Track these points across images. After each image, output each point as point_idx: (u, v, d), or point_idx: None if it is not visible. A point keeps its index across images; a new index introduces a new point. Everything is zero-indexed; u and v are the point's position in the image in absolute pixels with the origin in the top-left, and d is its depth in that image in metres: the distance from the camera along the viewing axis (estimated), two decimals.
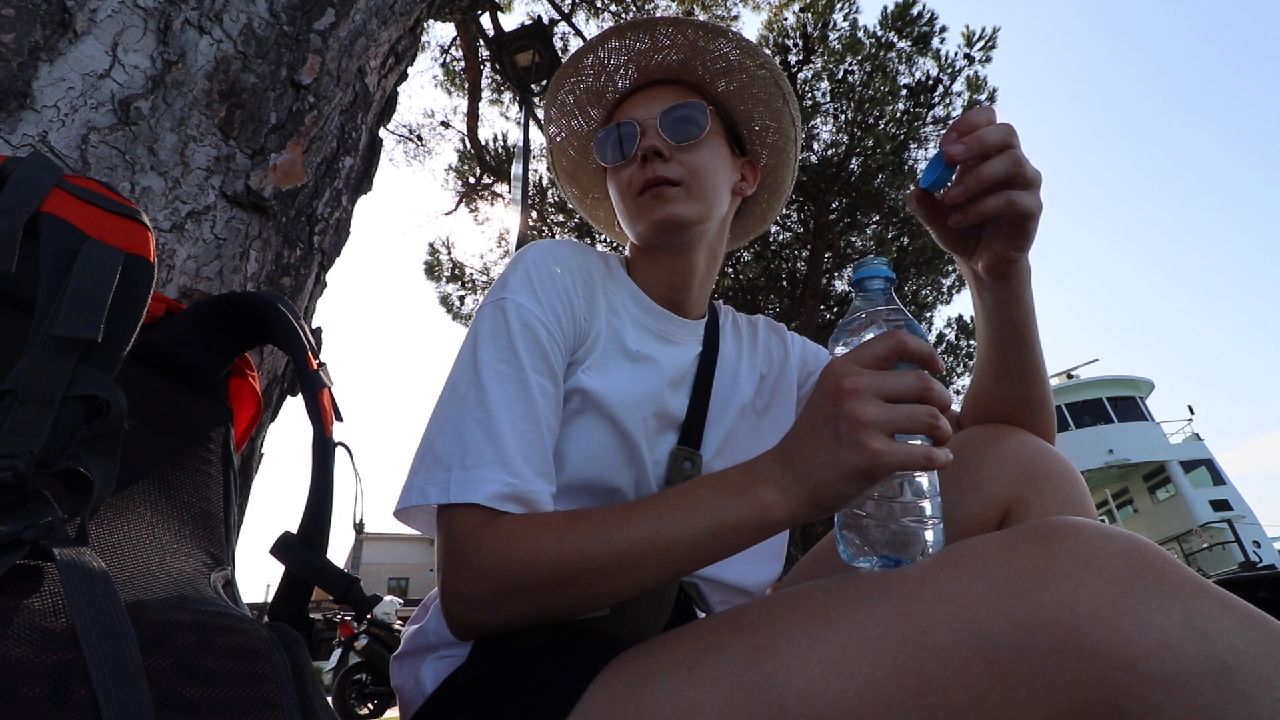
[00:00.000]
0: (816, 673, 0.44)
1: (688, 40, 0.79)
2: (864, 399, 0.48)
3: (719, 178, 0.79)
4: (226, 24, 0.86)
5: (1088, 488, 0.68)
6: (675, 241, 0.78)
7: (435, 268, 8.39)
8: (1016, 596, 0.42)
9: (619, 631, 0.63)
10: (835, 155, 7.46)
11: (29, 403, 0.37)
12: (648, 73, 0.84)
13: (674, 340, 0.81)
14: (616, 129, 0.79)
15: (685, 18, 0.80)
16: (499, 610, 0.55)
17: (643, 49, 0.81)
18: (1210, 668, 0.36)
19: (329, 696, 3.37)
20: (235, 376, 0.66)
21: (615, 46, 0.81)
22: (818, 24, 7.03)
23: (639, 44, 0.80)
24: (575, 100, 0.87)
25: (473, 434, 0.60)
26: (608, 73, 0.84)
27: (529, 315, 0.66)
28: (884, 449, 0.47)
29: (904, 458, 0.47)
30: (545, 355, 0.66)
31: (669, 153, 0.76)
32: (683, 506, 0.54)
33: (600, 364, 0.72)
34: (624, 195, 0.79)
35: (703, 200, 0.77)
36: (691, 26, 0.79)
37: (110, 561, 0.40)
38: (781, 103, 0.84)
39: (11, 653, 0.29)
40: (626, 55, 0.82)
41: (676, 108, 0.78)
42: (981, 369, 0.75)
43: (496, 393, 0.62)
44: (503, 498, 0.57)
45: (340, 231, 1.05)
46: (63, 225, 0.47)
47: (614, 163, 0.80)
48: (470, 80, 6.54)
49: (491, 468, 0.58)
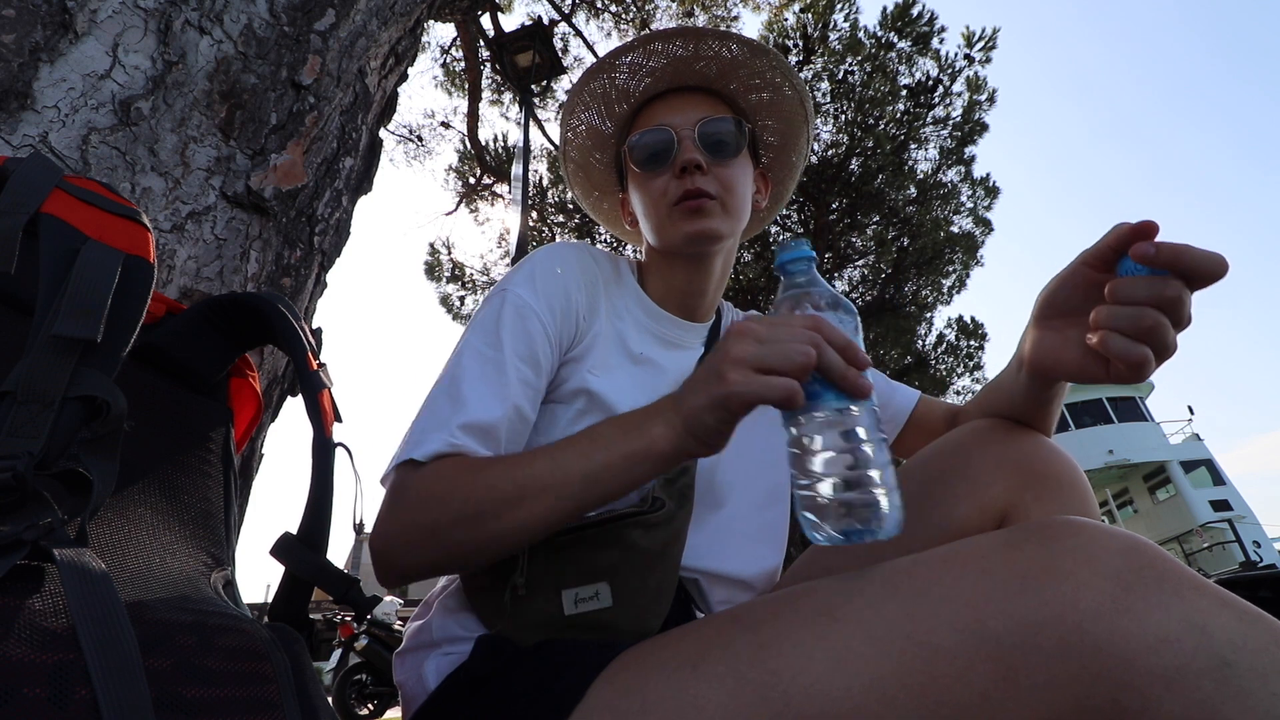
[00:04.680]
0: (820, 670, 0.44)
1: (730, 55, 0.81)
2: (743, 339, 0.51)
3: (748, 192, 0.81)
4: (227, 25, 0.86)
5: (1090, 487, 0.68)
6: (702, 251, 0.79)
7: (435, 268, 8.39)
8: (1020, 595, 0.42)
9: (620, 624, 0.63)
10: (835, 155, 7.46)
11: (29, 403, 0.37)
12: (682, 78, 0.84)
13: (678, 344, 0.82)
14: (652, 133, 0.80)
15: (731, 32, 0.81)
16: (418, 549, 0.57)
17: (684, 56, 0.81)
18: (1209, 663, 0.36)
19: (329, 697, 3.37)
20: (235, 377, 0.66)
21: (658, 49, 0.82)
22: (818, 24, 7.03)
23: (682, 51, 0.81)
24: (603, 94, 0.87)
25: (440, 407, 0.64)
26: (643, 72, 0.84)
27: (523, 306, 0.69)
28: (738, 379, 0.49)
29: (759, 388, 0.48)
30: (531, 344, 0.68)
31: (707, 167, 0.77)
32: (583, 442, 0.57)
33: (605, 366, 0.74)
34: (657, 203, 0.79)
35: (735, 215, 0.78)
36: (737, 42, 0.80)
37: (110, 562, 0.40)
38: (802, 123, 0.86)
39: (12, 653, 0.29)
40: (666, 59, 0.82)
41: (714, 121, 0.79)
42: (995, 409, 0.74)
43: (472, 371, 0.65)
44: (438, 455, 0.60)
45: (340, 232, 1.05)
46: (63, 226, 0.47)
47: (649, 169, 0.80)
48: (470, 81, 6.54)
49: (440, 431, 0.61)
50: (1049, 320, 0.61)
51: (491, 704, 0.56)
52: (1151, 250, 0.49)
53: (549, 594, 0.63)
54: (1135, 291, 0.51)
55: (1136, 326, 0.51)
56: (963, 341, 8.62)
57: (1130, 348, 0.51)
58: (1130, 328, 0.51)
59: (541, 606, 0.62)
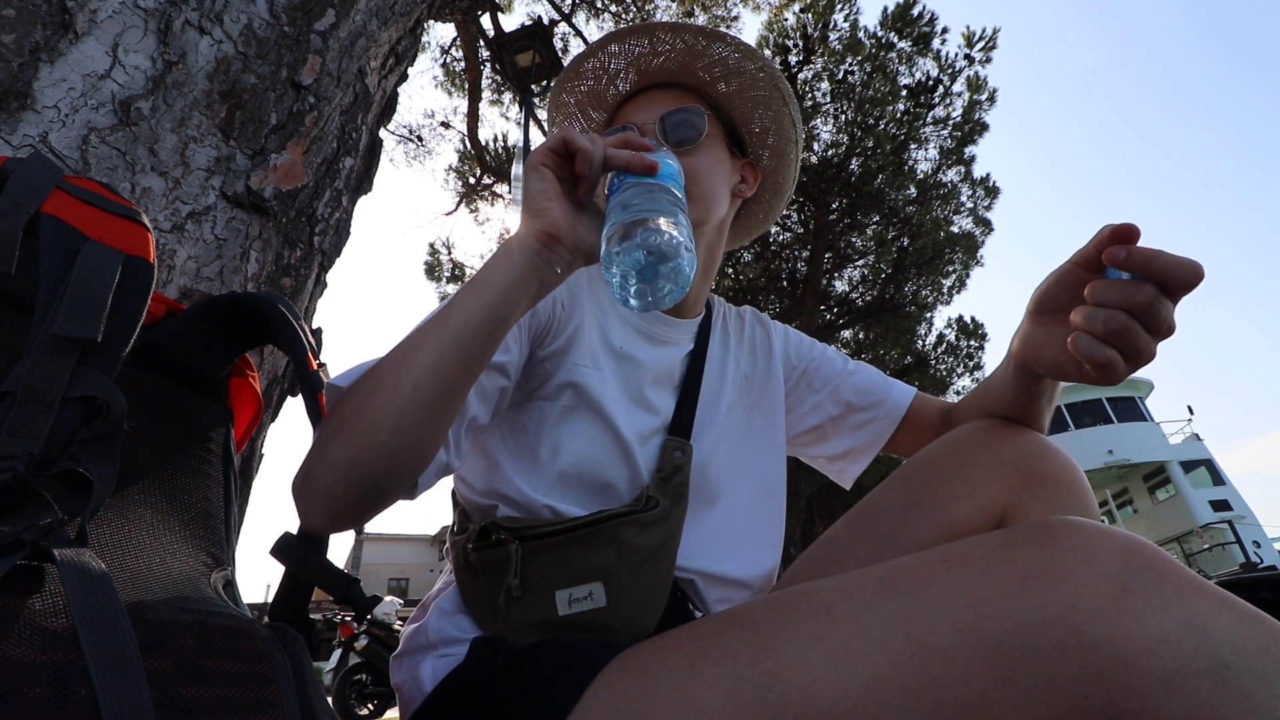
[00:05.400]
0: (819, 671, 0.44)
1: (685, 45, 0.80)
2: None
3: (717, 181, 0.80)
4: (227, 25, 0.86)
5: (1089, 488, 0.68)
6: None
7: (435, 268, 8.39)
8: (1019, 595, 0.42)
9: (614, 624, 0.63)
10: (835, 155, 7.46)
11: (29, 404, 0.37)
12: (647, 76, 0.85)
13: (663, 339, 0.81)
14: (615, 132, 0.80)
15: (682, 23, 0.82)
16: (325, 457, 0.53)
17: (642, 53, 0.82)
18: (1208, 664, 0.36)
19: (329, 697, 3.37)
20: (236, 377, 0.66)
21: (615, 51, 0.83)
22: (818, 24, 7.03)
23: (639, 48, 0.82)
24: (576, 103, 0.88)
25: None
26: (609, 76, 0.85)
27: None
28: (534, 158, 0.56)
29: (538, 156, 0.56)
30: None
31: None
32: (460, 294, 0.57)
33: (591, 359, 0.74)
34: None
35: (700, 203, 0.77)
36: (689, 31, 0.80)
37: (110, 562, 0.40)
38: (781, 104, 0.85)
39: (12, 653, 0.29)
40: (626, 59, 0.83)
41: (674, 112, 0.79)
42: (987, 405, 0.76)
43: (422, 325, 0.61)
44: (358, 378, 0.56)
45: (340, 232, 1.05)
46: (63, 226, 0.47)
47: None
48: (470, 81, 6.53)
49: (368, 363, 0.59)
50: (1039, 316, 0.63)
51: (488, 706, 0.56)
52: (1122, 255, 0.50)
53: (543, 594, 0.62)
54: (1108, 294, 0.52)
55: (1105, 329, 0.51)
56: (963, 341, 8.63)
57: (1096, 349, 0.52)
58: (1100, 330, 0.52)
59: (536, 607, 0.62)
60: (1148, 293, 0.50)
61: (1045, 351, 0.62)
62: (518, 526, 0.64)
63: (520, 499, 0.68)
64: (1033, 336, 0.64)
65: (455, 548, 0.71)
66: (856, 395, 0.90)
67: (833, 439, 0.93)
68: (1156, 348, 0.52)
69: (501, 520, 0.66)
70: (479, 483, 0.71)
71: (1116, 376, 0.52)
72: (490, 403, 0.67)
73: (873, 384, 0.91)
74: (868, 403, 0.90)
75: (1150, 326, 0.51)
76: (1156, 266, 0.49)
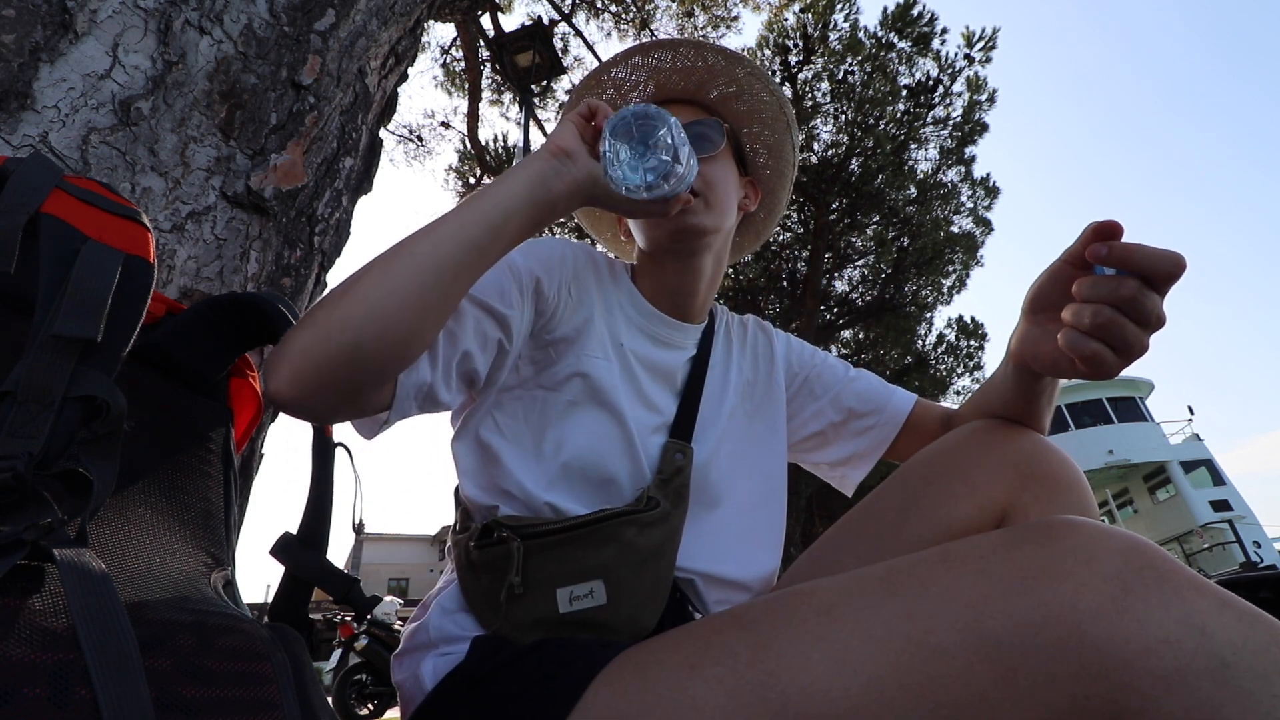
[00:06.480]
0: (819, 671, 0.44)
1: (707, 64, 0.84)
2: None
3: (731, 191, 0.83)
4: (227, 25, 0.86)
5: (1089, 488, 0.68)
6: (687, 248, 0.80)
7: None
8: (1020, 595, 0.42)
9: (615, 622, 0.63)
10: (835, 155, 7.47)
11: (29, 403, 0.37)
12: (665, 90, 0.87)
13: (668, 343, 0.82)
14: None
15: (706, 42, 0.84)
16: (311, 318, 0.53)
17: (663, 67, 0.85)
18: (1209, 664, 0.36)
19: (329, 697, 3.38)
20: (236, 377, 0.66)
21: (638, 63, 0.85)
22: (818, 24, 7.04)
23: (661, 62, 0.84)
24: None
25: None
26: (628, 86, 0.87)
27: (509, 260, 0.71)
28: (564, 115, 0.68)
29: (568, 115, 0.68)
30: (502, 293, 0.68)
31: None
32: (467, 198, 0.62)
33: (603, 352, 0.75)
34: None
35: (718, 211, 0.79)
36: (712, 51, 0.83)
37: (110, 562, 0.40)
38: (785, 128, 0.88)
39: (12, 653, 0.29)
40: (647, 72, 0.85)
41: (695, 123, 0.81)
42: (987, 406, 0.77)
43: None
44: None
45: (340, 232, 1.05)
46: (63, 226, 0.47)
47: None
48: (470, 81, 6.54)
49: None
50: (1034, 315, 0.64)
51: (489, 704, 0.56)
52: (1104, 251, 0.52)
53: (544, 592, 0.63)
54: (1093, 290, 0.53)
55: (1092, 323, 0.52)
56: (963, 341, 8.63)
57: (1082, 343, 0.53)
58: (1086, 325, 0.53)
59: (537, 604, 0.62)
60: (1131, 286, 0.51)
61: (1041, 349, 0.63)
62: (519, 525, 0.65)
63: (521, 495, 0.69)
64: (1028, 335, 0.65)
65: (457, 546, 0.71)
66: (858, 402, 0.91)
67: (834, 445, 0.93)
68: (1148, 340, 0.53)
69: (503, 519, 0.66)
70: (481, 479, 0.72)
71: (1108, 370, 0.53)
72: (488, 352, 0.68)
73: (874, 390, 0.92)
74: (869, 409, 0.91)
75: (1137, 319, 0.52)
76: (1137, 260, 0.51)
